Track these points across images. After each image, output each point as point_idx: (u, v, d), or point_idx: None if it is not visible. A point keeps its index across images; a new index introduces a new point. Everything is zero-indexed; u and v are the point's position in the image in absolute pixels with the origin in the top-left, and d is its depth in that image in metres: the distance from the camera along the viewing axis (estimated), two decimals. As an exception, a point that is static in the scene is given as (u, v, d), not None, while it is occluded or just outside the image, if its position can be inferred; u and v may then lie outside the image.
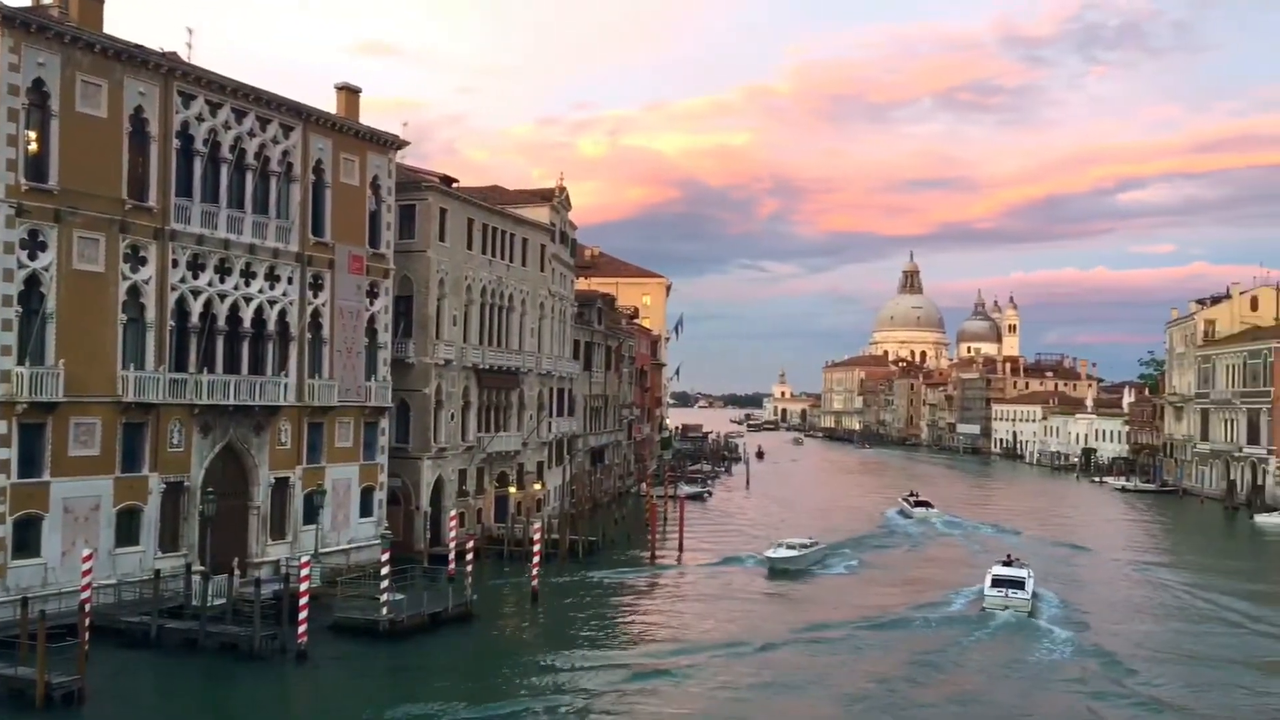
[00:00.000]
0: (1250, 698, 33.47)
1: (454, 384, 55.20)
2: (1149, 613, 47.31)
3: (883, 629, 42.56)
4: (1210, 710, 32.09)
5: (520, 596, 46.58)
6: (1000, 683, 34.81)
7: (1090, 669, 36.34)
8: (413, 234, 52.82)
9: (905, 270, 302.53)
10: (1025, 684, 34.69)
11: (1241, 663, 37.86)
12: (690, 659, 36.60)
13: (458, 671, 34.42)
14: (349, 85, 48.93)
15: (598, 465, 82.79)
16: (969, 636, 41.03)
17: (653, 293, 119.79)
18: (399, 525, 50.65)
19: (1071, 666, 36.67)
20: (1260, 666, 37.29)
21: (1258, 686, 34.75)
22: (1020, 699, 33.07)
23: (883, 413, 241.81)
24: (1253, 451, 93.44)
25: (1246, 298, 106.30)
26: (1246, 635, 42.81)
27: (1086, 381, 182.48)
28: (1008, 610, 44.15)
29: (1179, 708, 32.14)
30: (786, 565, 54.14)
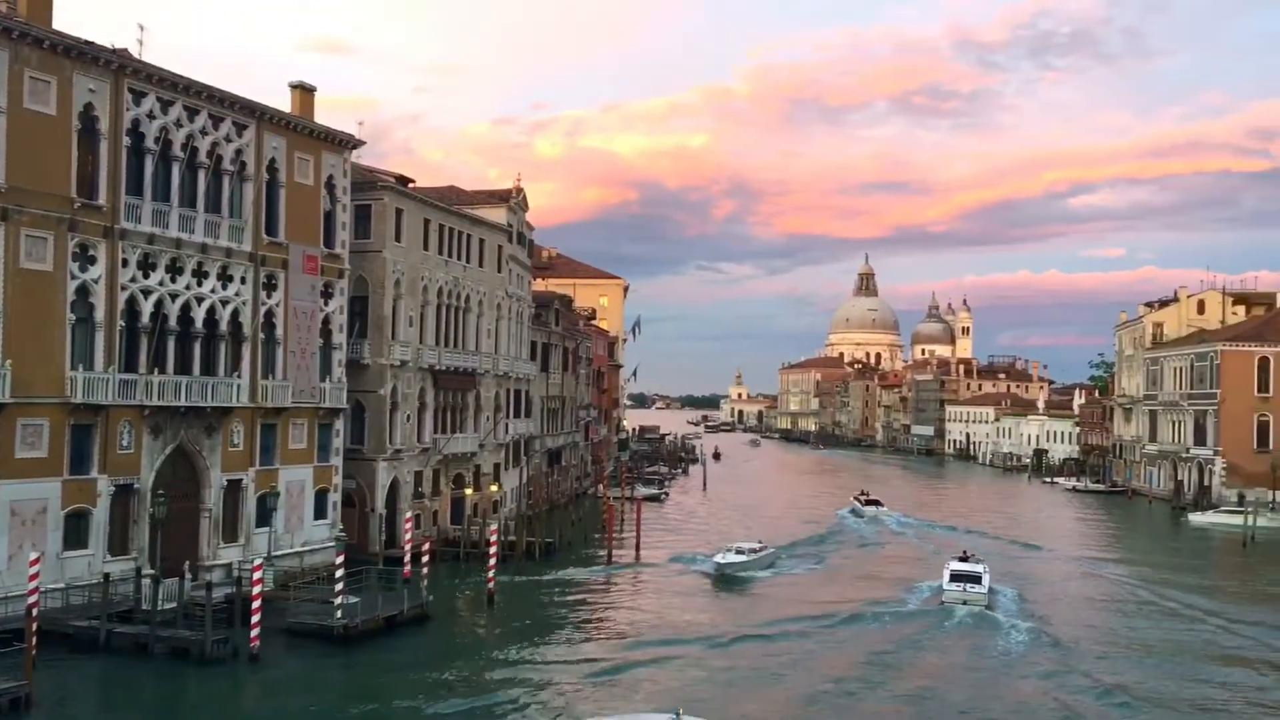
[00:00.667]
0: (1196, 681, 35.72)
1: (410, 385, 54.89)
2: (1099, 605, 49.35)
3: (846, 624, 43.67)
4: (1162, 693, 34.10)
5: (476, 598, 46.40)
6: (966, 672, 36.22)
7: (1050, 658, 38.20)
8: (368, 234, 52.48)
9: (861, 273, 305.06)
10: (990, 673, 36.16)
11: (1186, 649, 40.44)
12: (648, 657, 36.70)
13: (413, 674, 34.21)
14: (304, 84, 48.52)
15: (555, 467, 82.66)
16: (932, 630, 42.51)
17: (610, 294, 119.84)
18: (354, 527, 50.29)
19: (1032, 656, 38.48)
20: (1203, 653, 39.92)
21: (1202, 671, 36.99)
22: (987, 687, 34.45)
23: (838, 414, 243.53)
24: (1199, 452, 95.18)
25: (1193, 301, 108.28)
26: (1187, 624, 45.18)
27: (1038, 383, 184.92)
28: (966, 605, 45.65)
29: (1134, 692, 33.95)
30: (735, 571, 53.10)
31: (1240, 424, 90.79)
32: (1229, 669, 37.58)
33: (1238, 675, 36.70)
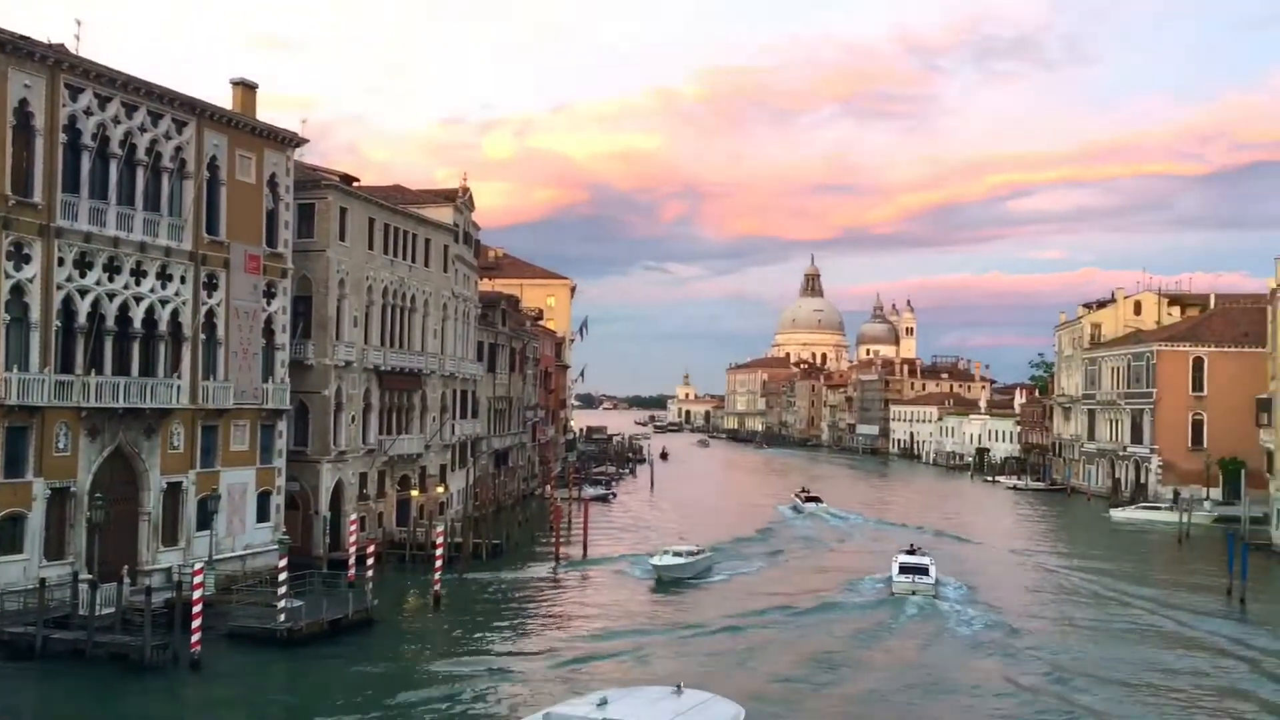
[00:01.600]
0: (1130, 659, 39.01)
1: (354, 386, 54.39)
2: (1039, 594, 52.40)
3: (804, 614, 45.30)
4: (1101, 670, 36.90)
5: (423, 601, 46.14)
6: (924, 656, 38.61)
7: (999, 642, 40.88)
8: (312, 233, 51.92)
9: (807, 274, 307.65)
10: (946, 656, 38.50)
11: (1119, 632, 43.84)
12: (597, 655, 36.73)
13: (358, 677, 33.92)
14: (245, 80, 47.88)
15: (501, 467, 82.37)
16: (887, 618, 44.63)
17: (557, 294, 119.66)
18: (297, 530, 49.70)
19: (983, 640, 41.14)
20: (1133, 634, 43.56)
21: (1134, 650, 40.55)
22: (945, 669, 36.65)
23: (785, 414, 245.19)
24: (1136, 450, 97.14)
25: (1130, 302, 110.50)
26: (1117, 607, 48.88)
27: (980, 383, 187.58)
28: (915, 595, 48.09)
29: (1078, 670, 36.81)
30: (673, 574, 51.98)
31: (1175, 423, 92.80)
32: (1159, 649, 40.47)
33: (1166, 654, 39.53)
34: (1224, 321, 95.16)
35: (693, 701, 20.89)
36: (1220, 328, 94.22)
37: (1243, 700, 33.77)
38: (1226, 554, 52.42)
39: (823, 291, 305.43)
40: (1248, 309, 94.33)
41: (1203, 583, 54.47)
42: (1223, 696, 34.12)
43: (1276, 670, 37.54)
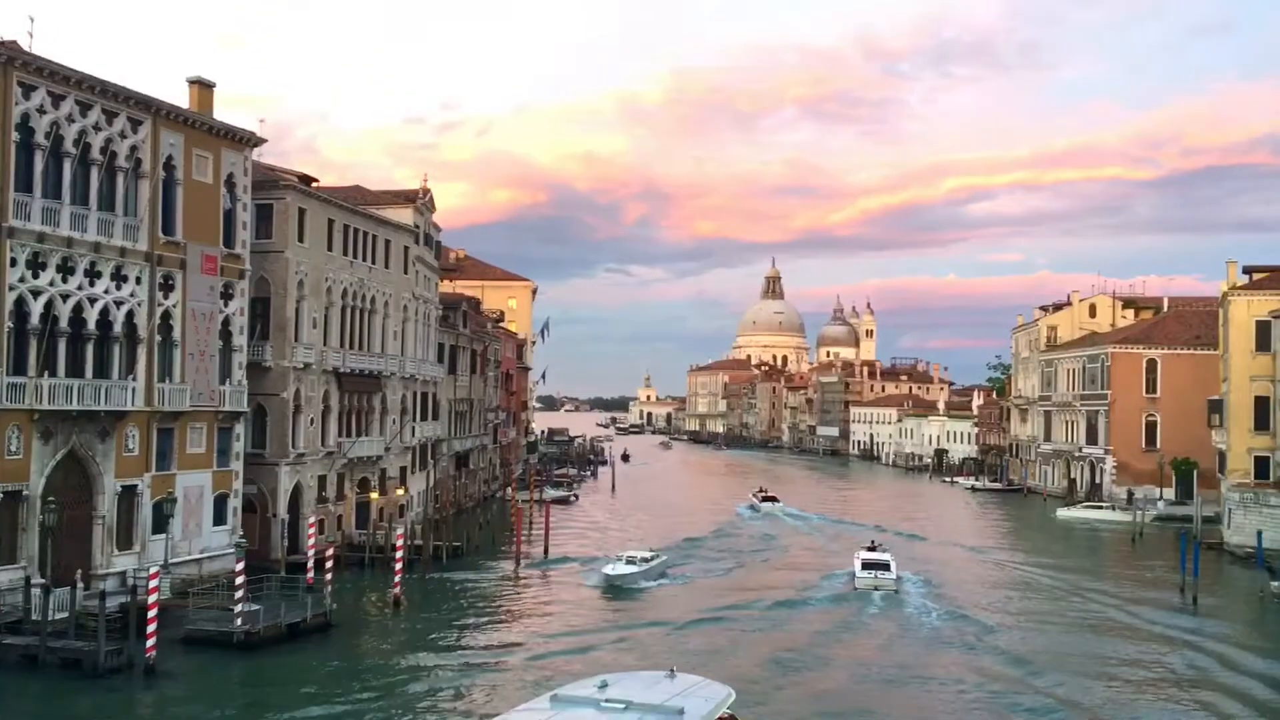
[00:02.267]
0: (1082, 646, 41.35)
1: (313, 388, 53.98)
2: (996, 588, 54.46)
3: (773, 609, 46.76)
4: (1058, 657, 39.29)
5: (382, 604, 45.87)
6: (893, 646, 40.35)
7: (962, 632, 42.71)
8: (270, 234, 51.48)
9: (768, 276, 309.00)
10: (913, 647, 40.28)
11: (1071, 621, 46.24)
12: (556, 656, 36.67)
13: (316, 682, 33.68)
14: (202, 79, 47.40)
15: (462, 470, 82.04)
16: (854, 612, 46.33)
17: (519, 296, 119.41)
18: (255, 533, 49.23)
19: (946, 631, 42.88)
20: (1084, 623, 45.94)
21: (1085, 637, 42.99)
22: (914, 658, 38.36)
23: (746, 416, 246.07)
24: (1091, 451, 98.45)
25: (1085, 305, 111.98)
26: (1075, 602, 50.74)
27: (939, 385, 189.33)
28: (878, 590, 50.08)
29: (1037, 659, 38.74)
30: (625, 583, 50.13)
31: (1129, 423, 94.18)
32: (1115, 641, 42.27)
33: (1124, 646, 41.36)
34: (1177, 324, 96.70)
35: (686, 684, 22.32)
36: (1173, 330, 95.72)
37: (1194, 688, 34.89)
38: (1179, 553, 53.36)
39: (783, 294, 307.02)
40: (1200, 312, 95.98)
41: (1157, 580, 55.37)
42: (1176, 684, 35.51)
43: (1226, 662, 38.66)
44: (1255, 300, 71.88)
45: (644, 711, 19.49)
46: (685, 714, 19.74)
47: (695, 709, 20.20)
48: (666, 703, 20.07)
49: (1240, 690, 34.95)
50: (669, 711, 19.66)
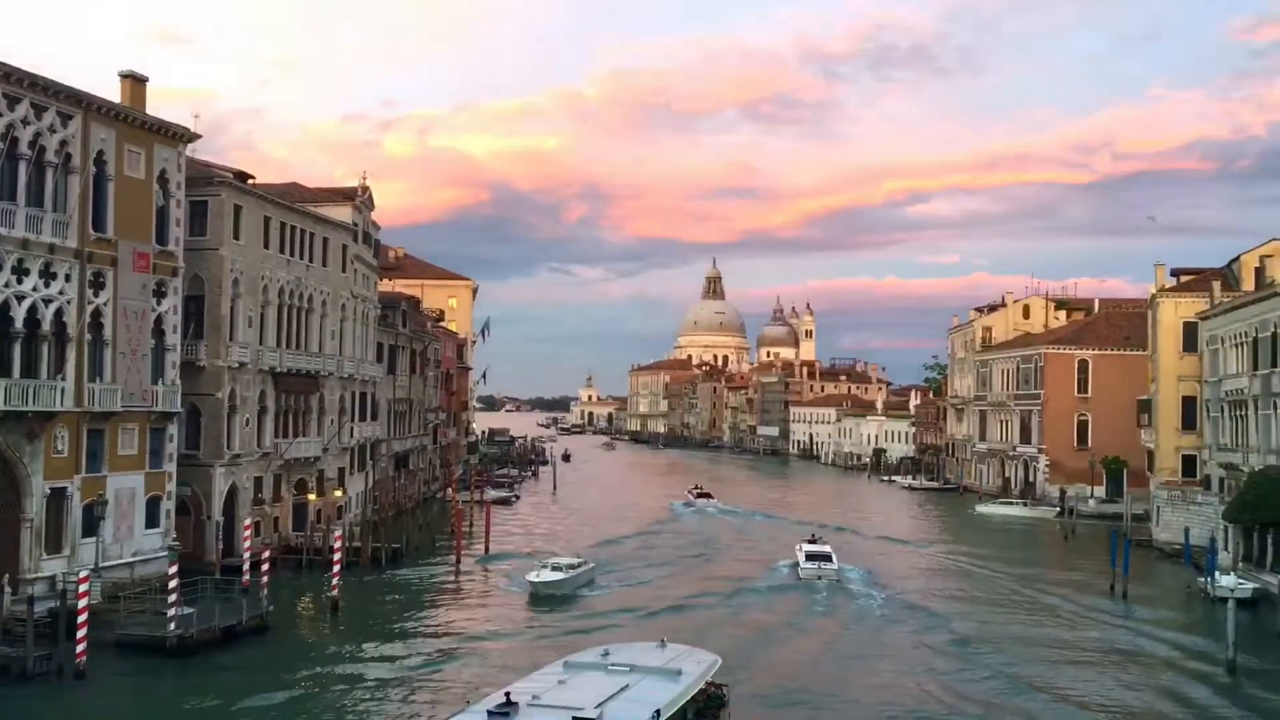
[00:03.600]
0: (1014, 624, 45.66)
1: (249, 388, 53.22)
2: (930, 576, 58.36)
3: (726, 599, 48.72)
4: (994, 633, 43.29)
5: (320, 606, 45.37)
6: (848, 630, 43.42)
7: (907, 616, 45.97)
8: (205, 231, 50.66)
9: (709, 276, 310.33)
10: (865, 630, 43.32)
11: (1001, 603, 50.76)
12: (497, 655, 36.55)
13: (252, 686, 33.16)
14: (134, 73, 46.52)
15: (402, 470, 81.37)
16: (804, 600, 49.09)
17: (459, 295, 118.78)
18: (189, 536, 48.37)
19: (893, 616, 46.06)
20: (1012, 604, 50.38)
21: (1016, 617, 47.34)
22: (868, 640, 41.54)
23: (687, 416, 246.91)
24: (1025, 450, 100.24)
25: (1019, 306, 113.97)
26: (1002, 590, 54.30)
27: (877, 385, 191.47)
28: (821, 579, 52.81)
29: (977, 635, 42.59)
30: (551, 590, 48.35)
31: (1062, 423, 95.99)
32: (1035, 615, 47.40)
33: (1043, 620, 46.25)
34: (1107, 326, 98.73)
35: (677, 651, 25.07)
36: (1104, 332, 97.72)
37: (1120, 668, 36.79)
38: (1109, 549, 54.60)
39: (724, 294, 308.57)
40: (1129, 314, 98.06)
41: (1088, 576, 56.52)
42: (1105, 665, 37.74)
43: (1149, 645, 41.19)
44: (1182, 302, 73.70)
45: (646, 673, 22.22)
46: (682, 674, 22.44)
47: (690, 670, 23.01)
48: (665, 665, 22.87)
49: (1164, 679, 35.96)
50: (668, 673, 22.39)
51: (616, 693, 20.54)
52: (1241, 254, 72.01)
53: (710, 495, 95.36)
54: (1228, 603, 38.12)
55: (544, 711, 19.30)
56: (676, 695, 21.33)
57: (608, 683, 21.26)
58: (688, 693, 22.07)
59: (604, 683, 21.28)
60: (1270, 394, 56.40)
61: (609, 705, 19.72)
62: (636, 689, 21.04)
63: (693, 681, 22.68)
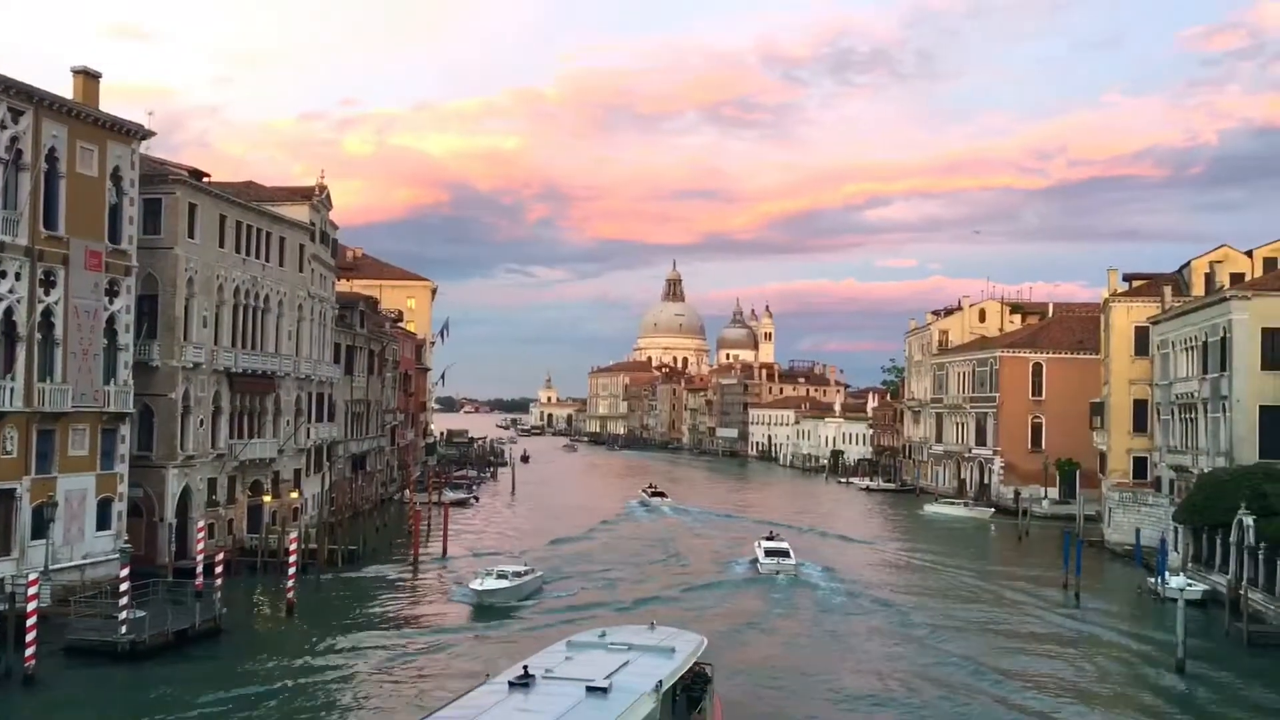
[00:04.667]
0: (965, 610, 49.31)
1: (203, 388, 52.62)
2: (883, 570, 61.80)
3: (690, 592, 50.44)
4: (949, 617, 46.97)
5: (275, 609, 44.94)
6: (815, 620, 45.80)
7: (866, 606, 48.78)
8: (159, 230, 50.02)
9: (669, 278, 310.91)
10: (830, 619, 45.88)
11: (951, 592, 54.31)
12: (455, 657, 36.41)
13: (205, 690, 32.75)
14: (88, 69, 45.85)
15: (359, 472, 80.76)
16: (767, 594, 51.15)
17: (418, 296, 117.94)
18: (141, 538, 47.71)
19: (852, 606, 48.82)
20: (959, 594, 53.89)
21: (964, 603, 51.04)
22: (837, 626, 44.42)
23: (646, 417, 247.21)
24: (980, 452, 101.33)
25: (975, 310, 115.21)
26: (949, 581, 57.96)
27: (835, 387, 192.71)
28: (780, 574, 54.96)
29: (934, 624, 45.15)
30: (496, 599, 45.93)
31: (1016, 425, 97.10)
32: (990, 612, 49.12)
33: (996, 618, 47.76)
34: (1061, 329, 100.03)
35: (667, 632, 27.13)
36: (1057, 335, 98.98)
37: (1069, 668, 37.43)
38: (1062, 550, 55.39)
39: (684, 296, 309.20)
40: (1083, 318, 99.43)
41: (1042, 579, 57.26)
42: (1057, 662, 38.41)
43: (1101, 645, 41.87)
44: (1134, 307, 74.84)
45: (643, 650, 24.21)
46: (676, 652, 24.49)
47: (682, 648, 25.04)
48: (659, 644, 24.88)
49: (1115, 678, 36.58)
50: (663, 650, 24.42)
51: (620, 667, 22.49)
52: (1192, 259, 73.21)
53: (664, 494, 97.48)
54: (1177, 603, 38.71)
55: (559, 682, 21.24)
56: (674, 669, 23.42)
57: (610, 659, 23.22)
58: (682, 667, 24.24)
59: (607, 659, 23.23)
60: (1219, 397, 57.42)
61: (616, 677, 21.61)
62: (636, 664, 23.05)
63: (686, 658, 24.78)
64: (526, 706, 19.90)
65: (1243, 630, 41.35)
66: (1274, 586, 43.76)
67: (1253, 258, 68.54)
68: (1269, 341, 54.82)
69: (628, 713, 20.01)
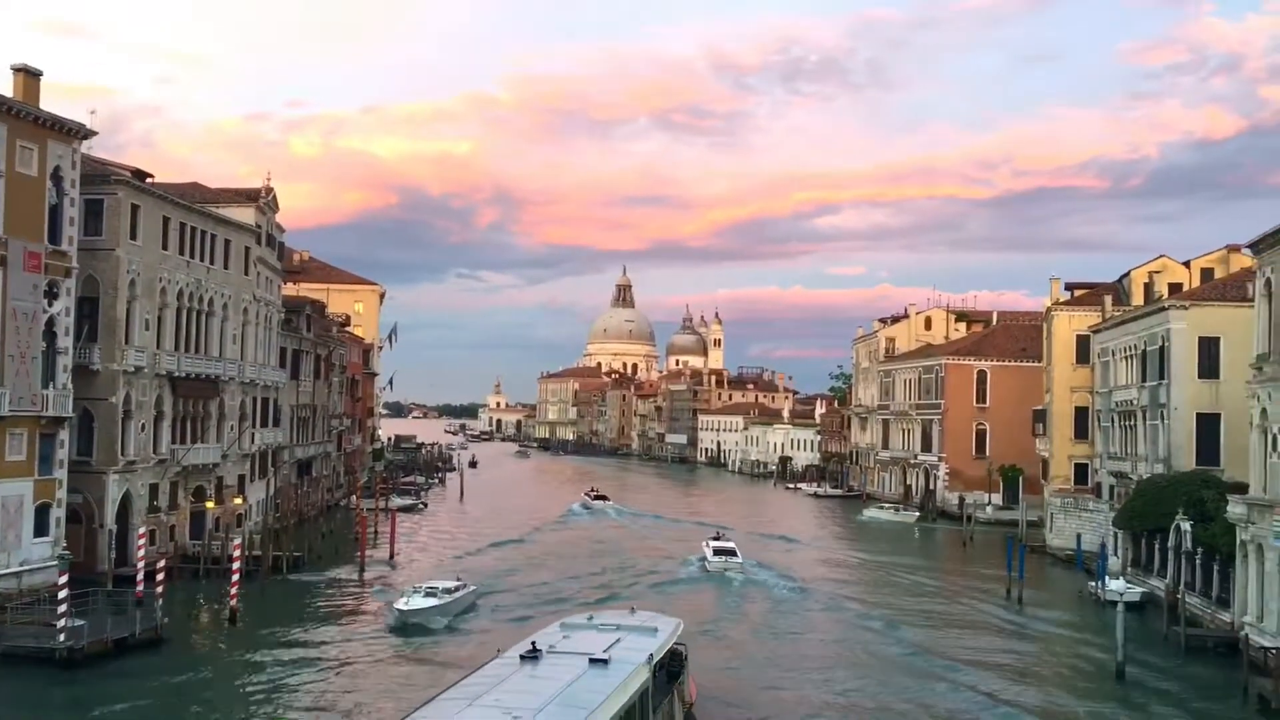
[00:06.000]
0: (906, 601, 53.27)
1: (145, 392, 51.77)
2: (828, 567, 64.97)
3: (643, 590, 51.43)
4: (894, 605, 51.63)
5: (217, 617, 44.29)
6: (771, 612, 48.66)
7: (818, 599, 51.79)
8: (100, 231, 49.17)
9: (619, 284, 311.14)
10: (785, 611, 48.74)
11: (892, 585, 58.54)
12: (401, 663, 36.09)
13: (145, 699, 32.22)
14: (27, 67, 44.97)
15: (305, 478, 79.89)
16: (721, 590, 53.82)
17: (365, 300, 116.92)
18: (80, 545, 46.80)
19: (804, 600, 51.76)
20: (900, 588, 57.62)
21: (905, 596, 54.88)
22: (792, 617, 47.47)
23: (596, 423, 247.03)
24: (926, 458, 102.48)
25: (921, 318, 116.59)
26: (878, 571, 63.72)
27: (784, 394, 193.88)
28: (728, 572, 57.38)
29: (885, 617, 48.04)
30: (420, 619, 42.27)
31: (961, 432, 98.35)
32: (918, 596, 53.81)
33: (938, 621, 48.58)
34: (1005, 337, 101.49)
35: (647, 616, 30.56)
36: (1002, 343, 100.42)
37: (1011, 670, 37.59)
38: (1005, 554, 56.13)
39: (634, 302, 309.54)
40: (1026, 326, 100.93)
41: (985, 583, 58.04)
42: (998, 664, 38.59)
43: (1042, 647, 42.70)
44: (1076, 316, 76.15)
45: (630, 630, 27.41)
46: (659, 631, 27.84)
47: (664, 628, 28.45)
48: (643, 625, 28.23)
49: (1055, 680, 37.16)
50: (647, 630, 27.77)
51: (614, 643, 25.65)
52: (1132, 269, 74.69)
53: (606, 498, 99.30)
54: (1117, 606, 39.43)
55: (564, 656, 24.30)
56: (660, 644, 26.81)
57: (603, 637, 26.38)
58: (667, 644, 27.55)
59: (600, 637, 26.40)
60: (1157, 405, 58.59)
61: (612, 650, 24.78)
62: (627, 641, 26.15)
63: (668, 636, 27.98)
64: (538, 674, 22.83)
65: (1180, 634, 42.17)
66: (1210, 591, 44.72)
67: (1190, 268, 70.10)
68: (1205, 350, 56.07)
69: (628, 680, 23.01)
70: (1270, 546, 37.59)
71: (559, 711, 20.33)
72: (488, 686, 21.55)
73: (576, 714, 20.32)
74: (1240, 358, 47.64)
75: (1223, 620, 42.70)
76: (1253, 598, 39.88)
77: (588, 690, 21.70)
